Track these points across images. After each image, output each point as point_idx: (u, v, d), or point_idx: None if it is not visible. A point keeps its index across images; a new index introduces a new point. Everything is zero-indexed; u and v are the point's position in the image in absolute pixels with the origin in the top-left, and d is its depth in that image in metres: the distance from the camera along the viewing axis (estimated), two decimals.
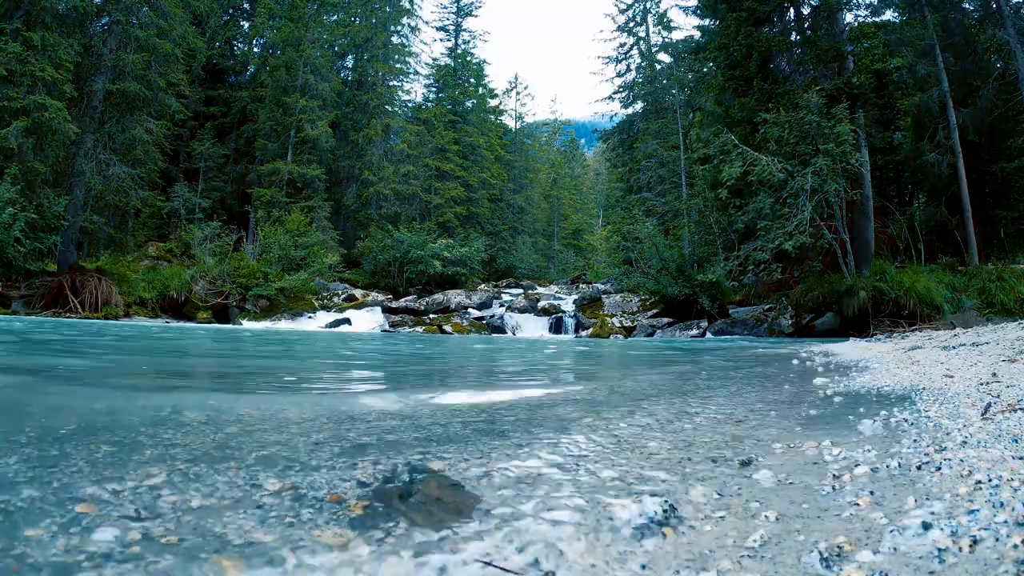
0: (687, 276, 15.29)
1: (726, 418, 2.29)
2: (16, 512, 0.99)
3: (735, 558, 0.89)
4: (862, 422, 1.96)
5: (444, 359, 6.78)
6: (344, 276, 22.82)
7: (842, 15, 14.92)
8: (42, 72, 13.58)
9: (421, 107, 34.62)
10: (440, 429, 1.96)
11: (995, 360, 3.65)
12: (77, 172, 15.21)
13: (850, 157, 12.05)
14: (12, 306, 13.36)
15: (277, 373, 4.38)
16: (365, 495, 1.15)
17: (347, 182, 27.72)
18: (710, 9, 18.33)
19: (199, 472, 1.28)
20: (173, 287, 15.91)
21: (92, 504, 1.03)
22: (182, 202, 22.64)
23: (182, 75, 19.16)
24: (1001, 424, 1.69)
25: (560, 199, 43.88)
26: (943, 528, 0.93)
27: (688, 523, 1.04)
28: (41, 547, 0.85)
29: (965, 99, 14.68)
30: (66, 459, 1.35)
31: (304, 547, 0.89)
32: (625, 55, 32.11)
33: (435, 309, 18.47)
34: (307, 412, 2.34)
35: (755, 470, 1.41)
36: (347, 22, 30.71)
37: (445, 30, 37.20)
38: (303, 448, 1.59)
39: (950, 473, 1.25)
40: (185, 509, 1.04)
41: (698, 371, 5.20)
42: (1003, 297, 11.37)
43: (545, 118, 52.08)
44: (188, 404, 2.51)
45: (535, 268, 34.45)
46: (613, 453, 1.61)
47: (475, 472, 1.37)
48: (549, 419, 2.27)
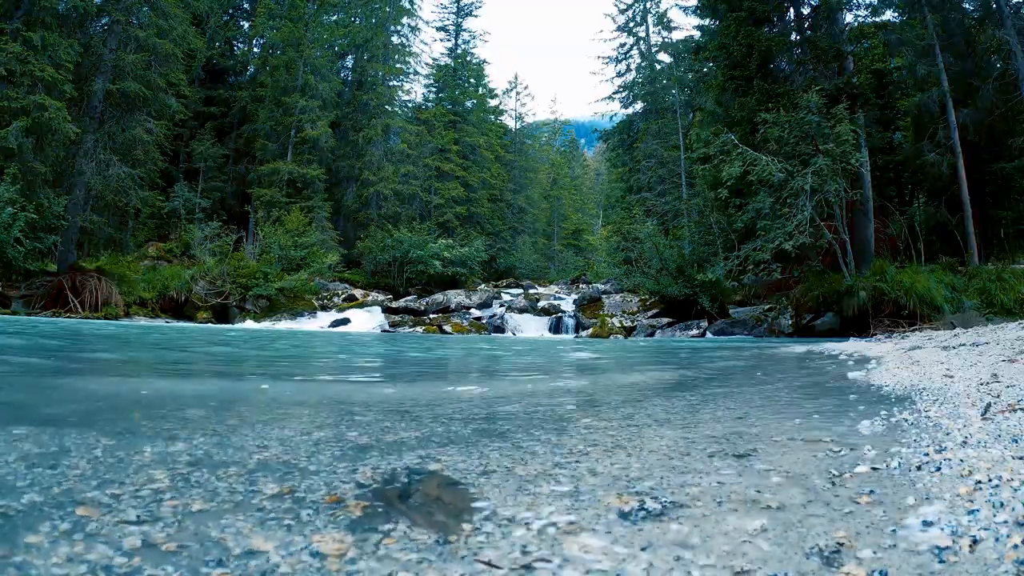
0: (687, 276, 15.28)
1: (726, 415, 2.29)
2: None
3: (734, 550, 0.89)
4: (862, 421, 1.96)
5: (444, 359, 6.77)
6: (344, 276, 22.82)
7: (842, 15, 14.92)
8: (42, 72, 13.58)
9: (421, 107, 34.62)
10: (440, 428, 1.96)
11: (995, 360, 3.65)
12: (77, 172, 15.21)
13: (850, 157, 12.04)
14: (12, 306, 13.36)
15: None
16: (364, 496, 1.15)
17: (347, 182, 27.71)
18: (710, 9, 18.30)
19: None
20: (173, 287, 15.91)
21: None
22: (182, 202, 22.64)
23: (182, 75, 19.14)
24: (1001, 424, 1.69)
25: (560, 199, 43.87)
26: (943, 528, 0.93)
27: (688, 520, 1.04)
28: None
29: (965, 99, 14.67)
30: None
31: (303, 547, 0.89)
32: (625, 55, 32.11)
33: (435, 309, 18.47)
34: (308, 408, 2.34)
35: (753, 465, 1.41)
36: (347, 22, 30.69)
37: (445, 30, 37.21)
38: (303, 448, 1.59)
39: (950, 473, 1.25)
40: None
41: (698, 370, 5.20)
42: (1003, 297, 11.37)
43: (545, 118, 52.06)
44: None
45: (535, 268, 34.45)
46: (613, 450, 1.61)
47: (475, 472, 1.37)
48: (549, 418, 2.27)
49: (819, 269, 13.01)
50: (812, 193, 11.86)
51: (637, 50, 31.71)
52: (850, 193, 12.69)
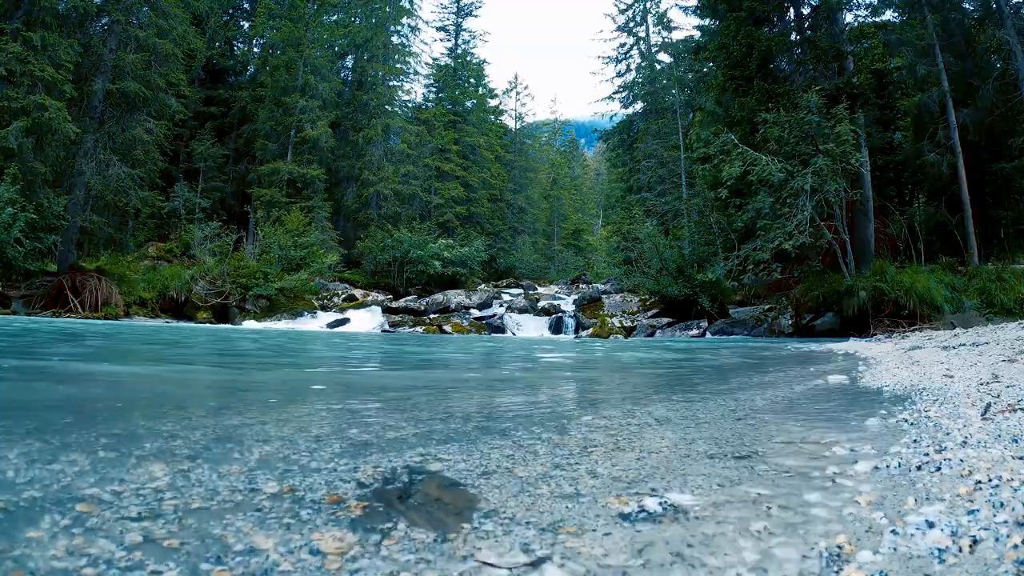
0: (687, 276, 15.29)
1: (726, 415, 2.29)
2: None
3: (734, 552, 0.89)
4: (862, 421, 1.96)
5: (444, 359, 6.77)
6: (344, 276, 22.82)
7: (842, 15, 14.93)
8: (42, 72, 13.58)
9: (421, 107, 34.62)
10: (440, 426, 1.97)
11: (995, 360, 3.65)
12: (77, 172, 15.21)
13: (850, 157, 12.05)
14: (12, 306, 13.36)
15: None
16: (364, 496, 1.15)
17: (347, 182, 27.71)
18: (710, 9, 18.32)
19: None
20: (173, 287, 15.91)
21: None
22: (182, 202, 22.65)
23: (182, 75, 19.15)
24: (1001, 424, 1.69)
25: (560, 199, 43.89)
26: (943, 528, 0.93)
27: (688, 518, 1.04)
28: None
29: (965, 99, 14.68)
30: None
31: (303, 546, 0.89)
32: (625, 55, 32.11)
33: (435, 309, 18.47)
34: (307, 409, 2.34)
35: (753, 465, 1.41)
36: (347, 22, 30.69)
37: (445, 30, 37.21)
38: (303, 447, 1.59)
39: (950, 473, 1.25)
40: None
41: (698, 370, 5.20)
42: (1003, 297, 11.37)
43: (545, 118, 52.08)
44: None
45: (535, 268, 34.45)
46: (613, 450, 1.61)
47: (475, 472, 1.37)
48: (549, 418, 2.27)
49: (819, 269, 13.01)
50: (812, 193, 11.87)
51: (637, 50, 31.72)
52: (850, 193, 12.70)
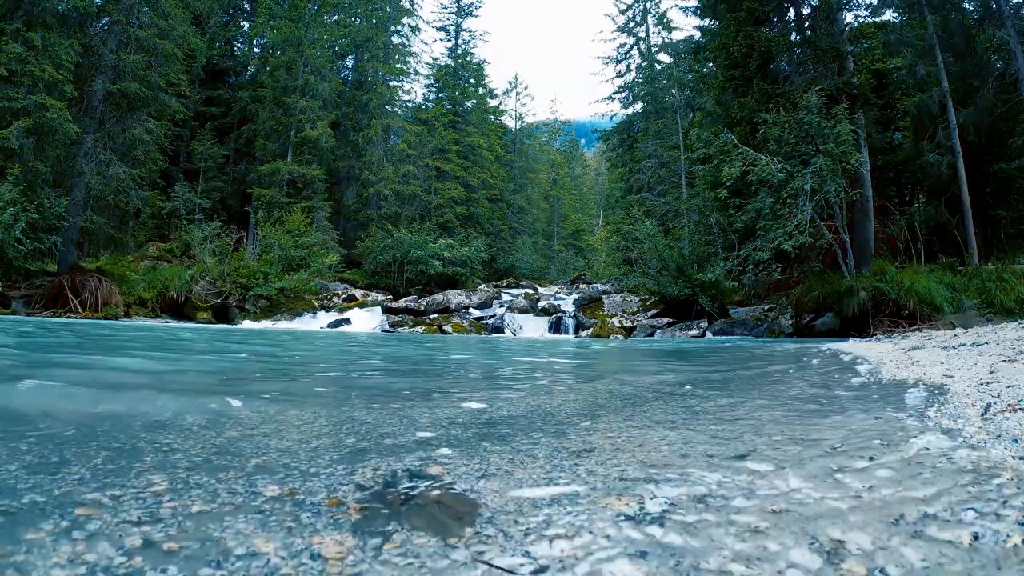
0: (687, 276, 15.29)
1: (726, 415, 2.29)
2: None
3: (735, 552, 0.89)
4: (861, 421, 1.96)
5: (443, 360, 6.78)
6: (344, 276, 22.83)
7: (842, 15, 14.91)
8: (42, 72, 13.60)
9: (421, 107, 34.65)
10: (440, 431, 1.97)
11: (995, 360, 3.65)
12: (77, 172, 15.22)
13: (850, 157, 12.05)
14: (12, 306, 13.37)
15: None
16: (364, 499, 1.15)
17: (347, 182, 27.73)
18: (710, 9, 18.31)
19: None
20: (173, 287, 15.92)
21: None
22: (182, 202, 22.67)
23: (182, 75, 19.18)
24: (1001, 424, 1.69)
25: (560, 199, 43.92)
26: (943, 527, 0.93)
27: (688, 517, 1.04)
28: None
29: (965, 99, 14.67)
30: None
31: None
32: (625, 55, 32.12)
33: (435, 309, 18.47)
34: (307, 415, 2.34)
35: (753, 463, 1.41)
36: (347, 22, 30.72)
37: (445, 30, 37.24)
38: (303, 453, 1.59)
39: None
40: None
41: (698, 370, 5.20)
42: (1003, 297, 11.36)
43: (545, 118, 52.18)
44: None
45: (535, 268, 34.47)
46: (612, 453, 1.61)
47: (475, 476, 1.37)
48: (549, 422, 2.27)
49: (819, 269, 13.01)
50: (812, 193, 11.87)
51: (637, 50, 31.74)
52: (850, 193, 12.69)
